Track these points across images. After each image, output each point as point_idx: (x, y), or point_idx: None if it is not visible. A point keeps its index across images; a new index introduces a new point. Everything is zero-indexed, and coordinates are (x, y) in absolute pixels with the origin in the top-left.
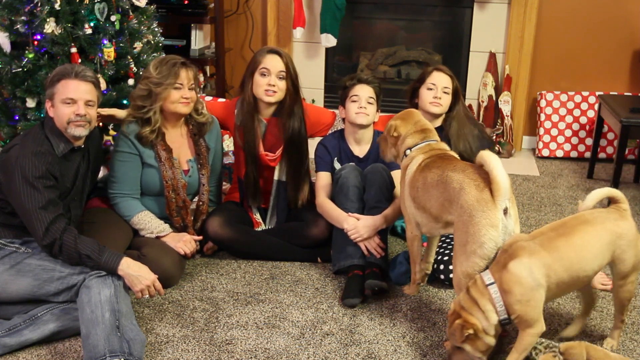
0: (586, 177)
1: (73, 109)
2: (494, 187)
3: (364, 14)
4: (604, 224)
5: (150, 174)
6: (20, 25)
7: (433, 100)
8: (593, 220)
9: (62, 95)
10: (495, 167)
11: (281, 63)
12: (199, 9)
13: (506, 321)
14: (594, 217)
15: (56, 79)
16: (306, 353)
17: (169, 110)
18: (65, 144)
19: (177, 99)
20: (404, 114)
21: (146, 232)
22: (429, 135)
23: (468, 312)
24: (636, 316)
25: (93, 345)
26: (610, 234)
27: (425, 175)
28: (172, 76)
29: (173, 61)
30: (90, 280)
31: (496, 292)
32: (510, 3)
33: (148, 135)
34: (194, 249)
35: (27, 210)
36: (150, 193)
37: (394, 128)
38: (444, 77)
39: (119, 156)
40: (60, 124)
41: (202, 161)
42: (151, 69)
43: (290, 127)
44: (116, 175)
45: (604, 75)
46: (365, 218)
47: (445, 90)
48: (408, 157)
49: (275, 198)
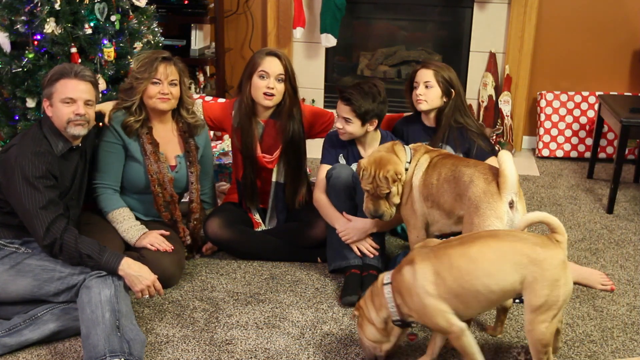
0: (586, 177)
1: (72, 108)
2: (500, 180)
3: (364, 14)
4: (515, 243)
5: (135, 168)
6: (20, 25)
7: (418, 97)
8: (502, 237)
9: (61, 95)
10: (505, 161)
11: (280, 66)
12: (199, 9)
13: (399, 323)
14: (507, 234)
15: (55, 79)
16: (306, 353)
17: (149, 106)
18: (64, 143)
19: (154, 94)
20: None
21: (119, 230)
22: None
23: (365, 301)
24: (636, 316)
25: (93, 345)
26: (519, 255)
27: (439, 171)
28: (150, 71)
29: (154, 56)
30: (91, 281)
31: (389, 292)
32: (510, 3)
33: (133, 124)
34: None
35: (28, 211)
36: (135, 190)
37: (390, 175)
38: (426, 72)
39: (103, 146)
40: (59, 123)
41: (192, 159)
42: (134, 62)
43: (290, 130)
44: (99, 165)
45: (604, 75)
46: (356, 220)
47: (427, 84)
48: (410, 167)
49: (274, 199)
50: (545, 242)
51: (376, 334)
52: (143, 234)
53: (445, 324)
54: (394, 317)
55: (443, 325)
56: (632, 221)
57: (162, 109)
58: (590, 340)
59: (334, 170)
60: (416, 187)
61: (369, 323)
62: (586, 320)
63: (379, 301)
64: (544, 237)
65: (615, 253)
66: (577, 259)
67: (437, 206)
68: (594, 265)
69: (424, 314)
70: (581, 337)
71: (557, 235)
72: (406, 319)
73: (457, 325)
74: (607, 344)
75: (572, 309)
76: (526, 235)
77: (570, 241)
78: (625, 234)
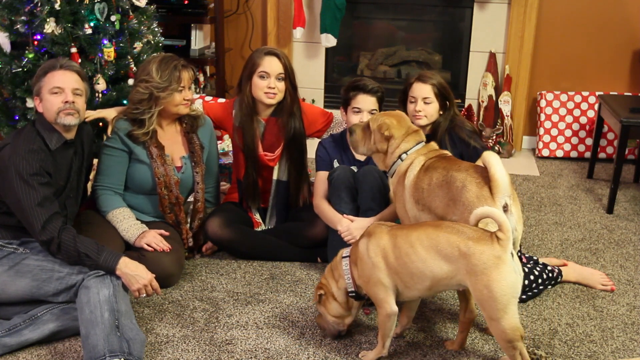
0: (586, 177)
1: (61, 97)
2: (492, 184)
3: (364, 14)
4: (450, 235)
5: (142, 170)
6: (20, 25)
7: (415, 113)
8: (442, 227)
9: (49, 86)
10: (494, 165)
11: (280, 65)
12: (199, 9)
13: (353, 294)
14: (449, 225)
15: (42, 73)
16: (306, 353)
17: (170, 112)
18: (58, 137)
19: (180, 102)
20: (397, 116)
21: (119, 230)
22: (421, 137)
23: (326, 278)
24: (636, 316)
25: (93, 345)
26: (451, 247)
27: (431, 175)
28: (176, 80)
29: (174, 63)
30: (89, 280)
31: (347, 264)
32: (510, 3)
33: (141, 136)
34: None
35: (23, 208)
36: (143, 191)
37: (386, 127)
38: (423, 87)
39: (106, 150)
40: (50, 115)
41: (196, 159)
42: (153, 72)
43: (291, 127)
44: (101, 168)
45: (604, 75)
46: (358, 220)
47: (426, 100)
48: (406, 161)
49: (275, 198)
50: (482, 237)
51: (339, 309)
52: (142, 233)
53: (382, 297)
54: (349, 288)
55: (380, 298)
56: (632, 221)
57: (185, 114)
58: (590, 340)
59: (335, 173)
60: (408, 189)
61: (332, 299)
62: (586, 320)
63: (338, 273)
64: (483, 232)
65: (615, 253)
66: (577, 259)
67: (428, 210)
68: (594, 265)
69: (367, 283)
70: (581, 337)
71: (501, 232)
72: (360, 291)
73: (390, 305)
74: (607, 344)
75: (572, 309)
76: (466, 229)
77: (570, 241)
78: (625, 234)
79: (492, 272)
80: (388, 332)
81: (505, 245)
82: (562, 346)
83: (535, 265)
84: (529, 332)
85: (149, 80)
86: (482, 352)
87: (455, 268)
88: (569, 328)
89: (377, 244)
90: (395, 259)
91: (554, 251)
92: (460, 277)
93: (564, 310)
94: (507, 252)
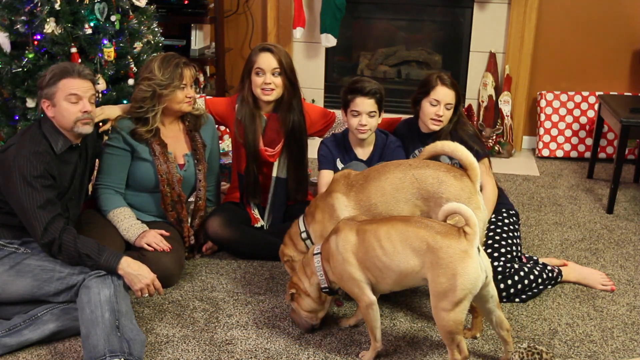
0: (586, 177)
1: (79, 107)
2: (470, 172)
3: (364, 14)
4: (419, 229)
5: (144, 168)
6: (20, 25)
7: (435, 117)
8: (410, 222)
9: (65, 93)
10: (462, 150)
11: (273, 60)
12: (199, 9)
13: (326, 290)
14: (417, 220)
15: (57, 78)
16: (306, 353)
17: (173, 110)
18: (64, 141)
19: (182, 99)
20: None
21: (119, 229)
22: None
23: (298, 275)
24: (636, 316)
25: (93, 345)
26: (419, 241)
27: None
28: (178, 77)
29: (176, 61)
30: (90, 280)
31: (319, 261)
32: (510, 3)
33: (144, 134)
34: (160, 240)
35: (26, 210)
36: (145, 189)
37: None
38: (449, 92)
39: (108, 149)
40: (66, 122)
41: (199, 157)
42: (155, 70)
43: (290, 121)
44: (103, 166)
45: (604, 75)
46: None
47: (447, 107)
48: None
49: (273, 195)
50: (449, 231)
51: (312, 304)
52: (142, 233)
53: (358, 291)
54: (322, 284)
55: (356, 293)
56: (632, 221)
57: (187, 111)
58: (590, 340)
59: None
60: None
61: (305, 296)
62: (586, 320)
63: (310, 270)
64: (450, 227)
65: (615, 253)
66: (577, 259)
67: None
68: (594, 265)
69: (341, 279)
70: (581, 337)
71: (467, 227)
72: (333, 287)
73: (368, 296)
74: (607, 344)
75: (572, 309)
76: (434, 224)
77: (570, 241)
78: (625, 234)
79: (458, 266)
80: (374, 323)
81: (472, 239)
82: (562, 346)
83: (535, 265)
84: (529, 332)
85: (152, 78)
86: (482, 352)
87: (421, 262)
88: (569, 328)
89: (345, 239)
90: (364, 254)
91: (554, 251)
92: (425, 271)
93: (564, 310)
94: (474, 246)
